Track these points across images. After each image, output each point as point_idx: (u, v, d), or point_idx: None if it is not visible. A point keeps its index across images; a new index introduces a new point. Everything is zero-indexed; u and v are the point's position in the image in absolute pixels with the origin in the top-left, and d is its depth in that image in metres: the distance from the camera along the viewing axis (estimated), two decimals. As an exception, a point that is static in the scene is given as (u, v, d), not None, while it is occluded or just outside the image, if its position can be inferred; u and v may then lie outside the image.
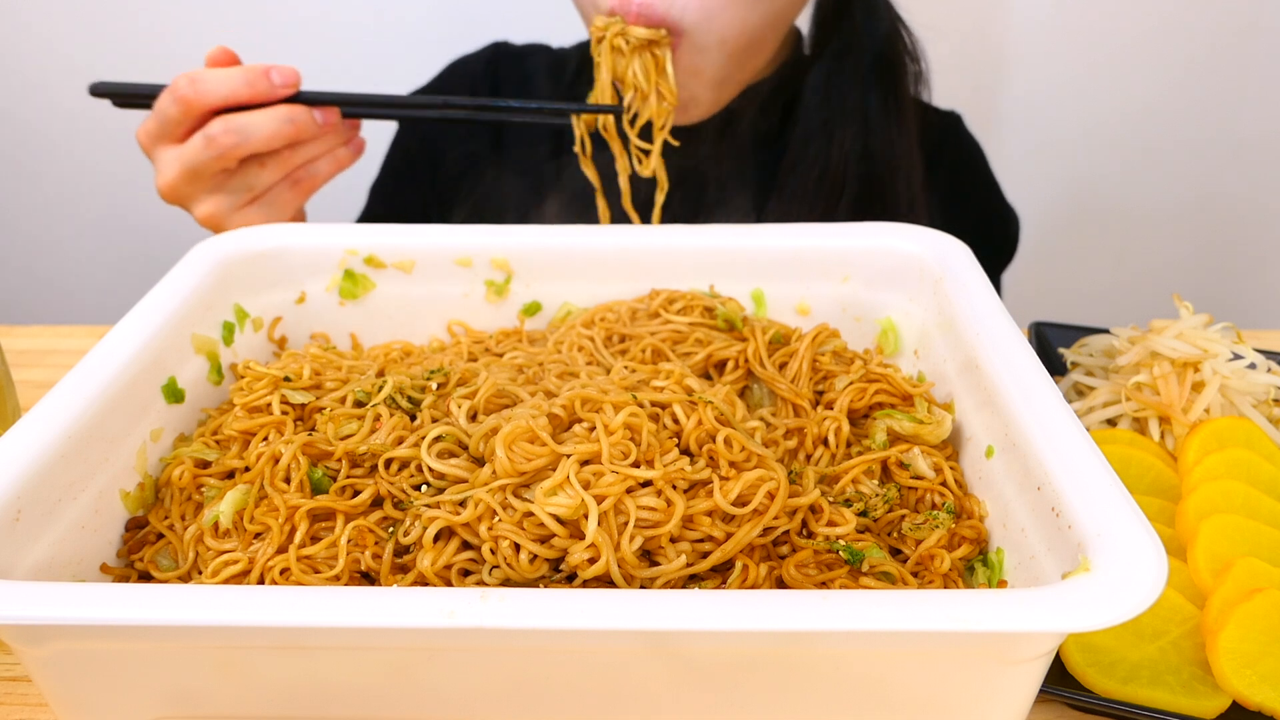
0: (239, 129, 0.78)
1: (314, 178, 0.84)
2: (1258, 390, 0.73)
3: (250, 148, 0.78)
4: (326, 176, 0.85)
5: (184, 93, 0.77)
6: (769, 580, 0.51)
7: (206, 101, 0.77)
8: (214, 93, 0.77)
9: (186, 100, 0.77)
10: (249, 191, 0.82)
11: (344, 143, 0.85)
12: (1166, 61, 1.59)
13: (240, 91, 0.78)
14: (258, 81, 0.78)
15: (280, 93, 0.79)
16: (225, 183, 0.81)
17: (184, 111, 0.78)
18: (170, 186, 0.81)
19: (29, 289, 1.89)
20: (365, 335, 0.75)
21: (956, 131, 1.14)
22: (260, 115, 0.78)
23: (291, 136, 0.79)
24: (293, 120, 0.79)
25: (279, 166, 0.81)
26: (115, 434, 0.57)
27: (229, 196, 0.82)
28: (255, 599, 0.41)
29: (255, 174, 0.81)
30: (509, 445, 0.52)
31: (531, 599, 0.41)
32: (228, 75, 0.78)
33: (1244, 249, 1.76)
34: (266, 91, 0.78)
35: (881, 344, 0.71)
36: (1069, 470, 0.47)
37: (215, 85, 0.77)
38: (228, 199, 0.82)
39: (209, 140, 0.78)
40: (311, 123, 0.80)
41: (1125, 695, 0.53)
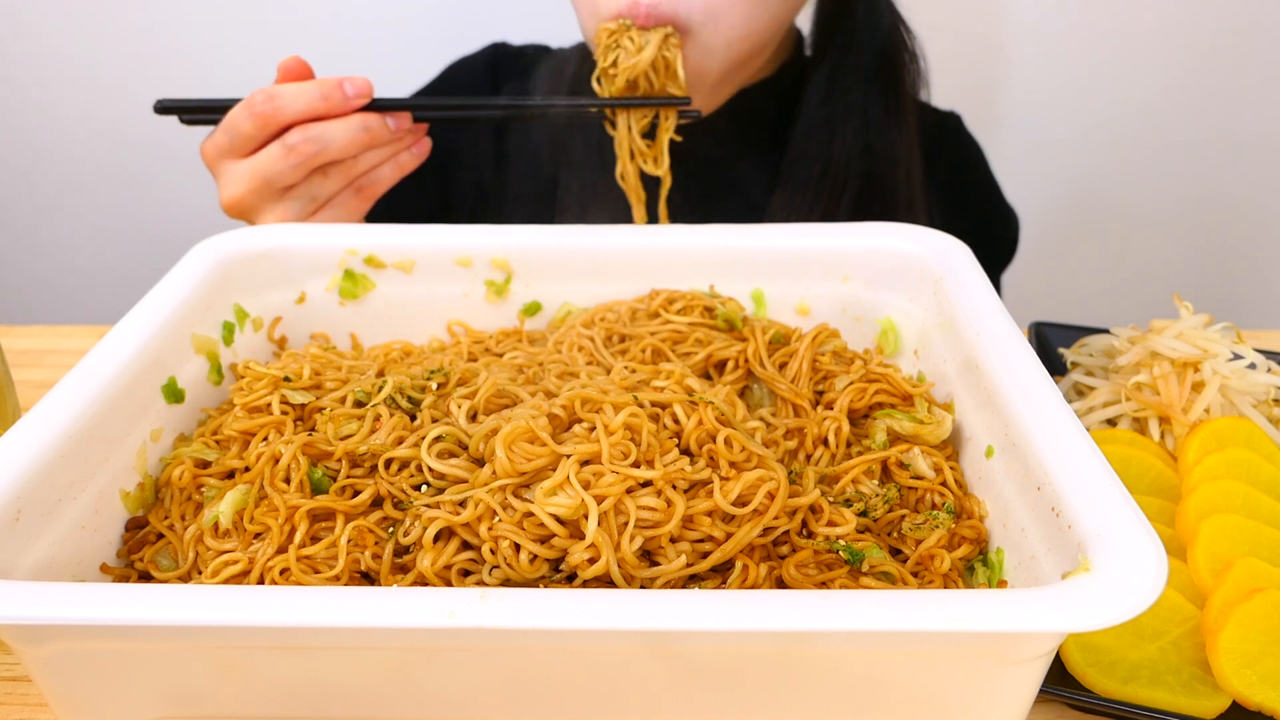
0: (317, 138, 0.78)
1: (377, 184, 0.84)
2: (1258, 390, 0.73)
3: (327, 156, 0.79)
4: (389, 182, 0.85)
5: (261, 109, 0.77)
6: (769, 580, 0.51)
7: (283, 118, 0.78)
8: (291, 108, 0.78)
9: (264, 116, 0.78)
10: (314, 201, 0.82)
11: (407, 147, 0.85)
12: (1166, 61, 1.59)
13: (316, 106, 0.78)
14: (332, 94, 0.78)
15: (355, 104, 0.79)
16: (291, 193, 0.81)
17: (260, 127, 0.78)
18: (238, 199, 0.81)
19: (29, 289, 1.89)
20: (365, 335, 0.75)
21: (957, 131, 1.14)
22: (337, 124, 0.78)
23: (366, 144, 0.80)
24: (367, 128, 0.79)
25: (343, 174, 0.82)
26: (115, 434, 0.57)
27: (295, 206, 0.82)
28: (255, 599, 0.41)
29: (320, 183, 0.81)
30: (509, 445, 0.52)
31: (531, 599, 0.41)
32: (303, 90, 0.78)
33: (1244, 249, 1.76)
34: (341, 103, 0.78)
35: (881, 344, 0.71)
36: (1069, 470, 0.47)
37: (292, 101, 0.78)
38: (294, 209, 0.82)
39: (289, 150, 0.78)
40: (385, 130, 0.81)
41: (1125, 695, 0.53)
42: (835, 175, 0.97)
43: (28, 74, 1.67)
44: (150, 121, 1.71)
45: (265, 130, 0.78)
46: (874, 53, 0.98)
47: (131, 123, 1.70)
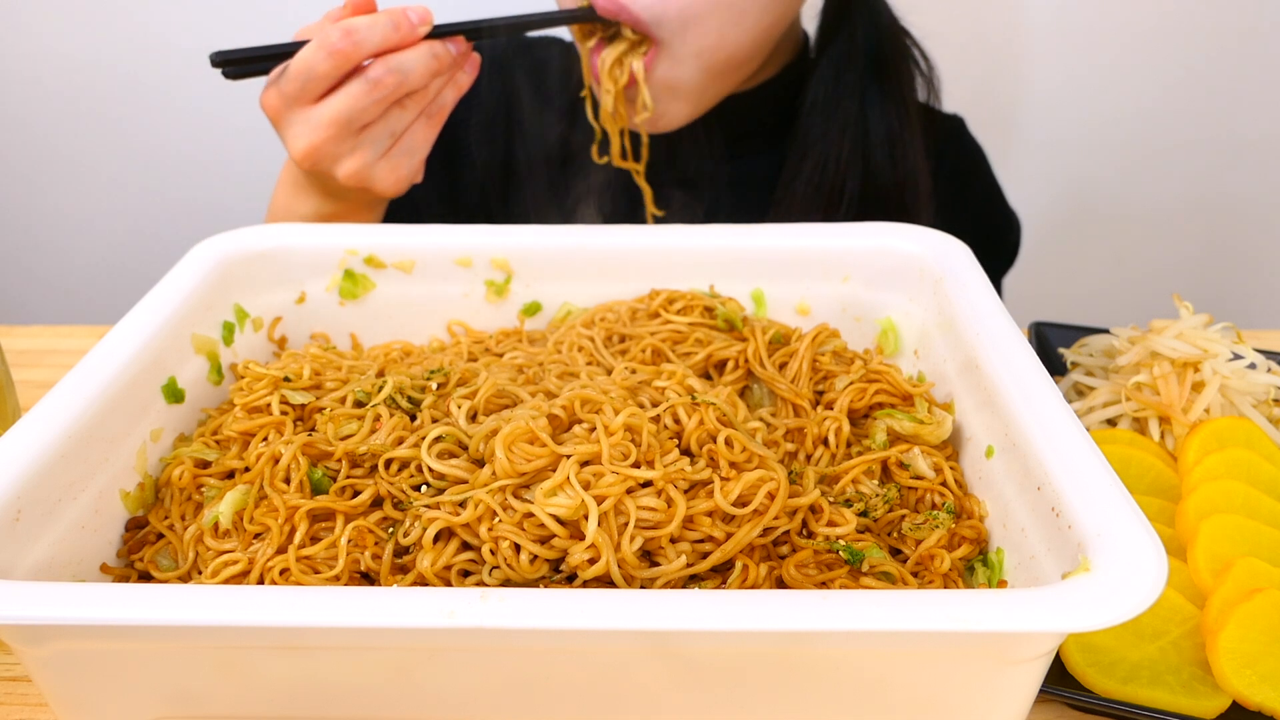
0: (399, 68, 0.76)
1: (443, 109, 0.83)
2: (1258, 390, 0.73)
3: (409, 86, 0.77)
4: (453, 103, 0.84)
5: (340, 45, 0.74)
6: (769, 580, 0.51)
7: (363, 51, 0.75)
8: (369, 40, 0.75)
9: (343, 53, 0.75)
10: (392, 136, 0.80)
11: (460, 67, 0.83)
12: (1167, 62, 1.59)
13: (391, 37, 0.76)
14: (403, 24, 0.76)
15: (420, 32, 0.77)
16: (367, 134, 0.80)
17: (338, 65, 0.75)
18: (315, 146, 0.78)
19: (29, 289, 1.89)
20: (365, 335, 0.75)
21: (959, 136, 1.14)
22: (412, 53, 0.77)
23: (436, 71, 0.78)
24: (436, 55, 0.78)
25: (417, 104, 0.80)
26: (115, 434, 0.57)
27: (373, 146, 0.80)
28: (255, 599, 0.41)
29: (398, 116, 0.80)
30: (509, 446, 0.52)
31: (531, 599, 0.41)
32: (377, 21, 0.76)
33: (1244, 249, 1.76)
34: (410, 33, 0.77)
35: (881, 344, 0.71)
36: (1069, 470, 0.47)
37: (369, 33, 0.75)
38: (372, 149, 0.80)
39: (374, 84, 0.75)
40: (449, 55, 0.79)
41: (1125, 695, 0.53)
42: (833, 189, 0.97)
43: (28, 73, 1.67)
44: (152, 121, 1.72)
45: (343, 68, 0.76)
46: (874, 60, 0.98)
47: (132, 122, 1.70)
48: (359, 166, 0.79)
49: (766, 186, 1.01)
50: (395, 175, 0.81)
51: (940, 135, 1.10)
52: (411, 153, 0.82)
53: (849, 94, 0.97)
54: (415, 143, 0.82)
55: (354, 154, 0.79)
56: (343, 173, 0.80)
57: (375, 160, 0.80)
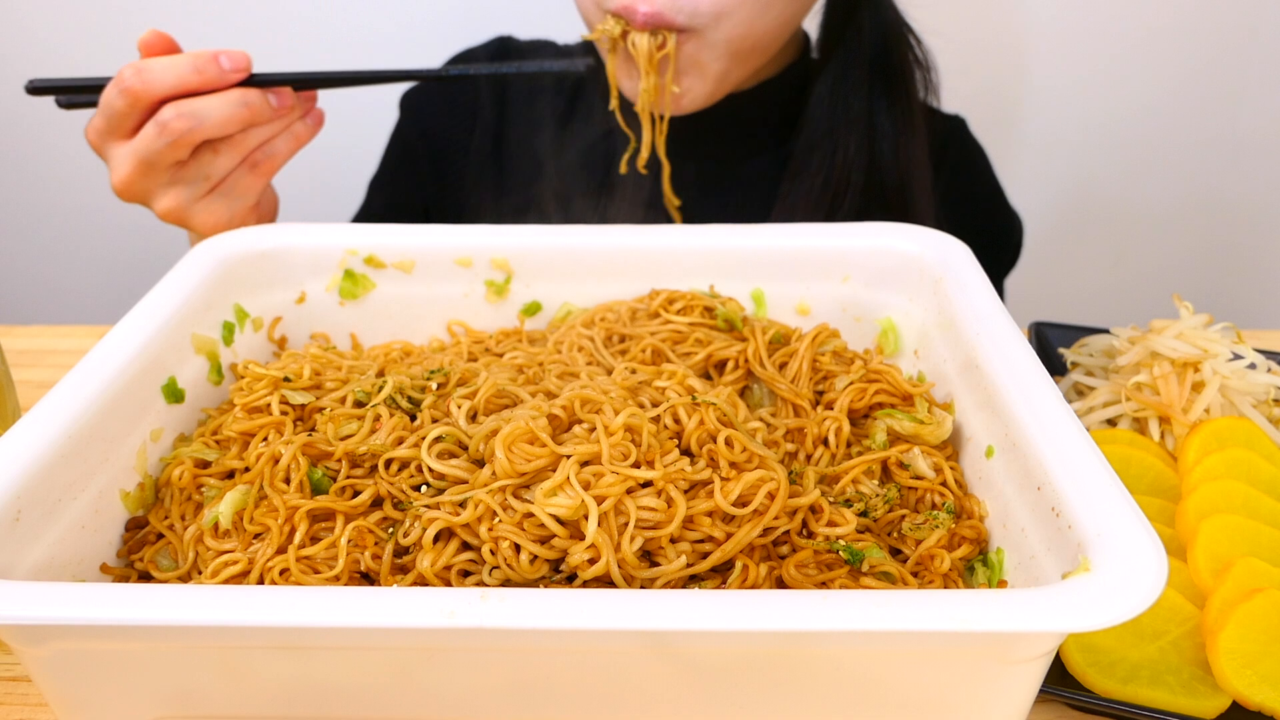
0: (191, 113, 0.75)
1: (273, 158, 0.82)
2: (1258, 390, 0.73)
3: (205, 133, 0.76)
4: (286, 155, 0.82)
5: (130, 84, 0.74)
6: (769, 580, 0.51)
7: (154, 91, 0.74)
8: (161, 81, 0.74)
9: (134, 91, 0.74)
10: (207, 181, 0.79)
11: (300, 118, 0.82)
12: (1167, 63, 1.59)
13: (189, 79, 0.75)
14: (207, 68, 0.75)
15: (231, 78, 0.76)
16: (181, 174, 0.79)
17: (131, 104, 0.75)
18: (125, 183, 0.78)
19: (29, 289, 1.89)
20: (365, 335, 0.75)
21: (960, 136, 1.13)
22: (213, 99, 0.75)
23: (246, 120, 0.77)
24: (246, 103, 0.76)
25: (234, 151, 0.79)
26: (115, 434, 0.57)
27: (188, 188, 0.79)
28: (255, 599, 0.41)
29: (210, 161, 0.79)
30: (508, 446, 0.52)
31: (531, 599, 0.41)
32: (174, 63, 0.74)
33: (1244, 249, 1.76)
34: (216, 77, 0.75)
35: (881, 344, 0.71)
36: (1069, 470, 0.47)
37: (162, 74, 0.74)
38: (187, 191, 0.79)
39: (161, 127, 0.74)
40: (265, 105, 0.78)
41: (1125, 695, 0.53)
42: (838, 188, 0.97)
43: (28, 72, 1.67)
44: (150, 121, 1.71)
45: (136, 107, 0.75)
46: (879, 60, 0.98)
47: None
48: (173, 206, 0.80)
49: (769, 186, 1.01)
50: (213, 218, 0.80)
51: (942, 136, 1.10)
52: (231, 198, 0.81)
53: (855, 91, 0.97)
54: (236, 189, 0.81)
55: (167, 193, 0.79)
56: (158, 209, 0.80)
57: (190, 202, 0.80)
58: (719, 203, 1.04)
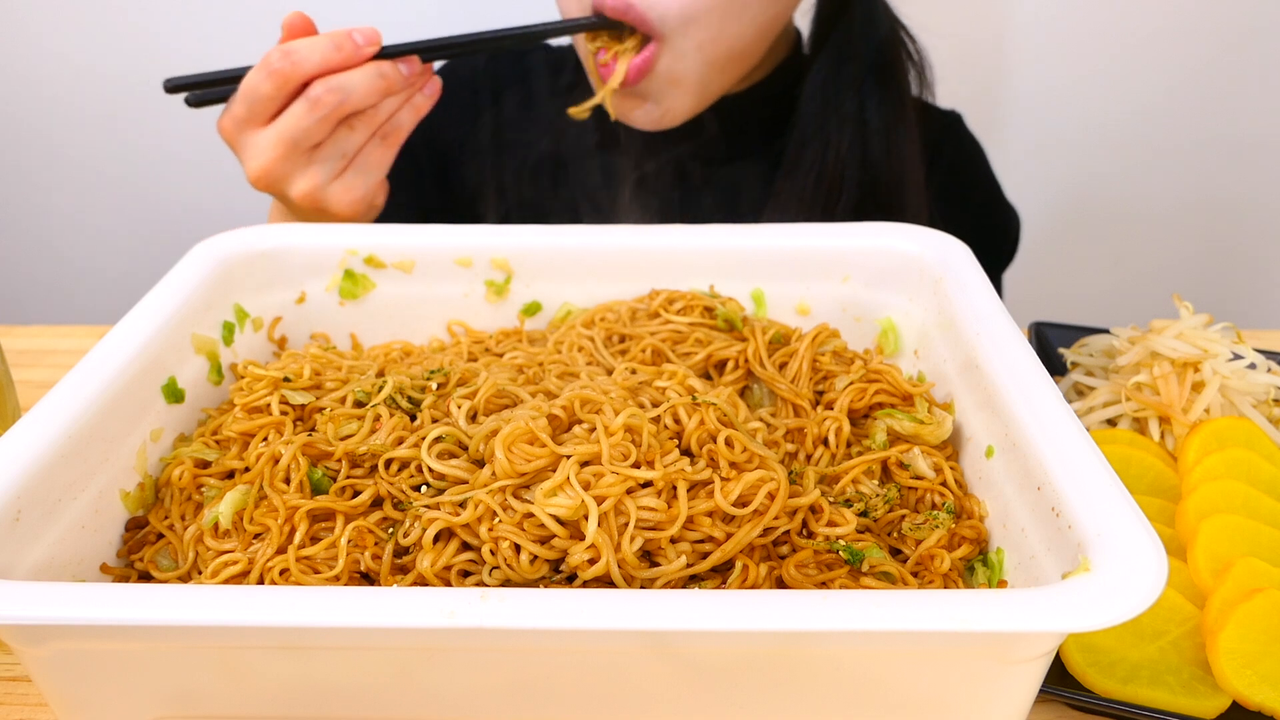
0: (339, 87, 0.77)
1: (399, 129, 0.83)
2: (1258, 390, 0.73)
3: (352, 105, 0.78)
4: (410, 127, 0.84)
5: (278, 66, 0.76)
6: (769, 580, 0.51)
7: (303, 71, 0.76)
8: (309, 60, 0.76)
9: (282, 74, 0.76)
10: (343, 158, 0.81)
11: (420, 89, 0.84)
12: (1166, 62, 1.59)
13: (332, 57, 0.77)
14: (345, 44, 0.77)
15: (366, 52, 0.78)
16: (318, 154, 0.80)
17: (279, 86, 0.77)
18: (266, 169, 0.79)
19: (29, 289, 1.89)
20: (365, 335, 0.75)
21: (956, 131, 1.14)
22: (356, 73, 0.78)
23: (384, 90, 0.79)
24: (383, 75, 0.79)
25: (367, 125, 0.81)
26: (115, 434, 0.57)
27: (325, 166, 0.80)
28: (255, 599, 0.41)
29: (347, 137, 0.80)
30: (508, 446, 0.52)
31: (531, 599, 0.41)
32: (317, 43, 0.77)
33: (1244, 249, 1.76)
34: (354, 53, 0.78)
35: (881, 344, 0.71)
36: (1069, 470, 0.47)
37: (309, 53, 0.76)
38: (324, 169, 0.80)
39: (313, 103, 0.77)
40: (399, 75, 0.80)
41: (1125, 695, 0.53)
42: (831, 186, 0.97)
43: (28, 72, 1.67)
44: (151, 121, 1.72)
45: (285, 89, 0.77)
46: (871, 57, 0.98)
47: (132, 122, 1.70)
48: (311, 187, 0.80)
49: (763, 184, 1.01)
50: (350, 196, 0.82)
51: (937, 131, 1.09)
52: (366, 173, 0.82)
53: (847, 87, 0.97)
54: (369, 163, 0.83)
55: (305, 174, 0.80)
56: (296, 193, 0.81)
57: (327, 181, 0.81)
58: (713, 202, 1.04)
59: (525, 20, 0.88)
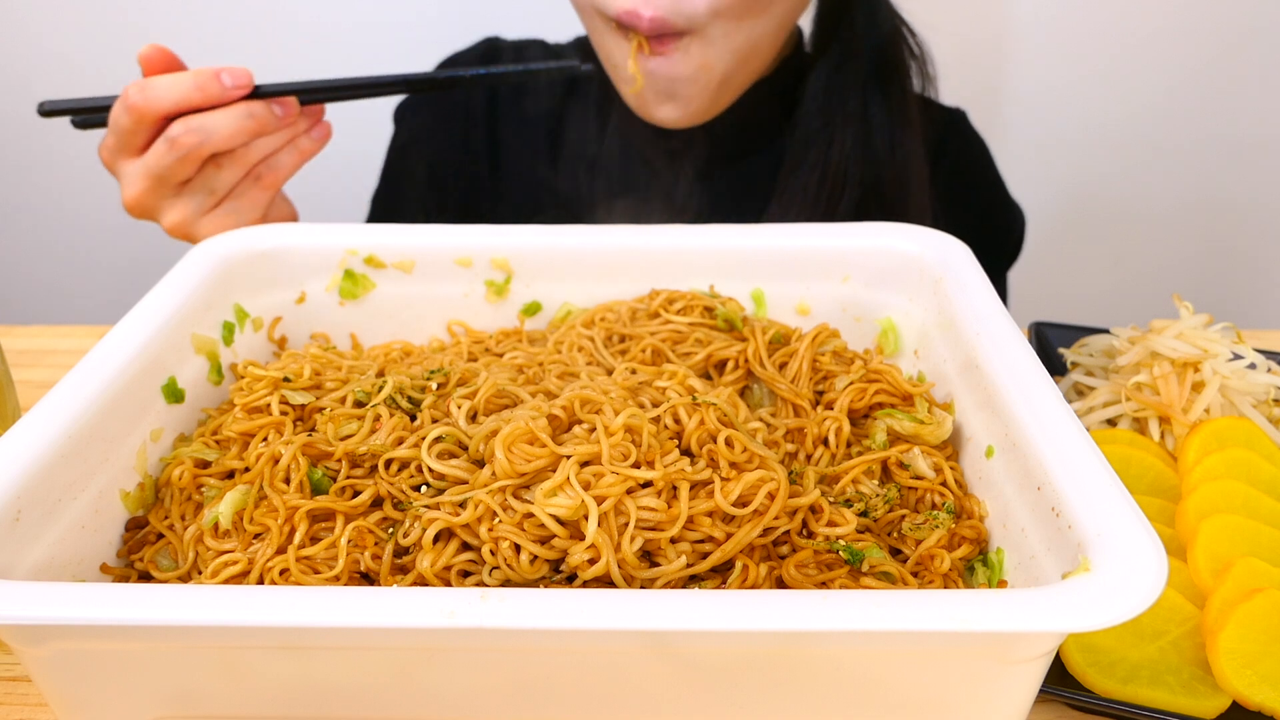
0: (200, 128, 0.76)
1: (277, 171, 0.83)
2: (1258, 390, 0.73)
3: (213, 146, 0.77)
4: (291, 168, 0.83)
5: (134, 101, 0.76)
6: (769, 580, 0.51)
7: (158, 108, 0.76)
8: (165, 99, 0.76)
9: (138, 109, 0.76)
10: (212, 195, 0.81)
11: (305, 131, 0.83)
12: (1167, 62, 1.59)
13: (192, 96, 0.76)
14: (209, 85, 0.77)
15: (232, 94, 0.77)
16: (187, 189, 0.80)
17: (137, 121, 0.77)
18: (135, 199, 0.80)
19: (29, 289, 1.89)
20: (365, 335, 0.75)
21: (961, 128, 1.13)
22: (220, 114, 0.77)
23: (253, 131, 0.78)
24: (252, 115, 0.78)
25: (237, 165, 0.80)
26: (115, 434, 0.57)
27: (194, 201, 0.80)
28: (255, 599, 0.41)
29: (214, 175, 0.80)
30: (508, 447, 0.52)
31: (531, 599, 0.41)
32: (177, 80, 0.76)
33: (1244, 249, 1.76)
34: (219, 94, 0.77)
35: (881, 344, 0.71)
36: (1069, 470, 0.47)
37: (165, 91, 0.76)
38: (193, 204, 0.80)
39: (171, 143, 0.77)
40: (271, 116, 0.79)
41: (1125, 695, 0.53)
42: (834, 183, 0.97)
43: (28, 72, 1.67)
44: (150, 121, 1.71)
45: (143, 124, 0.77)
46: (874, 55, 0.98)
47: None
48: (179, 220, 0.81)
49: (767, 182, 1.01)
50: (219, 231, 0.81)
51: (942, 128, 1.09)
52: (238, 212, 0.82)
53: (850, 84, 0.97)
54: (242, 203, 0.82)
55: (173, 208, 0.81)
56: (166, 224, 0.82)
57: (196, 216, 0.81)
58: (717, 199, 1.04)
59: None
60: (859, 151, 0.97)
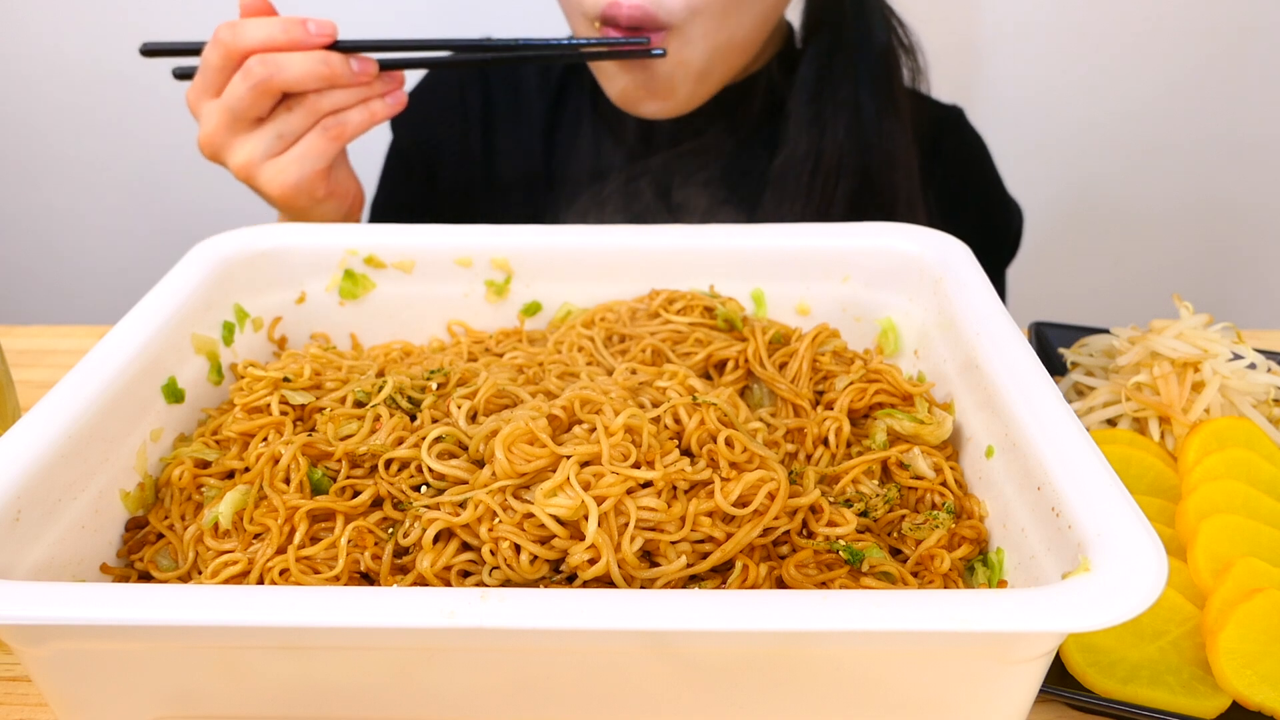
0: (272, 61, 0.78)
1: (344, 126, 0.84)
2: (1258, 390, 0.73)
3: (283, 81, 0.79)
4: (359, 127, 0.84)
5: (223, 37, 0.79)
6: (769, 580, 0.51)
7: (243, 44, 0.78)
8: (252, 36, 0.78)
9: (225, 44, 0.79)
10: (280, 139, 0.82)
11: (380, 95, 0.84)
12: (1167, 62, 1.59)
13: (277, 37, 0.78)
14: (293, 29, 0.79)
15: (315, 41, 0.79)
16: (257, 129, 0.82)
17: (224, 58, 0.79)
18: (209, 137, 0.82)
19: (29, 289, 1.89)
20: (365, 335, 0.75)
21: (958, 125, 1.13)
22: (296, 54, 0.79)
23: (325, 78, 0.80)
24: (327, 62, 0.79)
25: (307, 111, 0.82)
26: (115, 434, 0.57)
27: (262, 142, 0.82)
28: (255, 599, 0.41)
29: (285, 118, 0.82)
30: (508, 447, 0.52)
31: (531, 599, 0.41)
32: (264, 22, 0.79)
33: (1244, 249, 1.76)
34: (302, 38, 0.79)
35: (881, 344, 0.71)
36: (1069, 470, 0.47)
37: (254, 30, 0.78)
38: (261, 145, 0.82)
39: (244, 73, 0.78)
40: (346, 68, 0.81)
41: (1125, 695, 0.53)
42: (827, 173, 0.97)
43: (29, 73, 1.67)
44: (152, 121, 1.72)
45: (229, 61, 0.79)
46: (863, 47, 0.98)
47: (132, 122, 1.70)
48: (244, 160, 0.82)
49: (759, 177, 1.02)
50: (281, 179, 0.82)
51: (939, 125, 1.09)
52: (301, 161, 0.83)
53: (839, 86, 0.98)
54: (306, 151, 0.83)
55: (243, 146, 0.82)
56: (233, 164, 0.83)
57: (263, 158, 0.82)
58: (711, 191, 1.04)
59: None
60: (852, 143, 0.97)
